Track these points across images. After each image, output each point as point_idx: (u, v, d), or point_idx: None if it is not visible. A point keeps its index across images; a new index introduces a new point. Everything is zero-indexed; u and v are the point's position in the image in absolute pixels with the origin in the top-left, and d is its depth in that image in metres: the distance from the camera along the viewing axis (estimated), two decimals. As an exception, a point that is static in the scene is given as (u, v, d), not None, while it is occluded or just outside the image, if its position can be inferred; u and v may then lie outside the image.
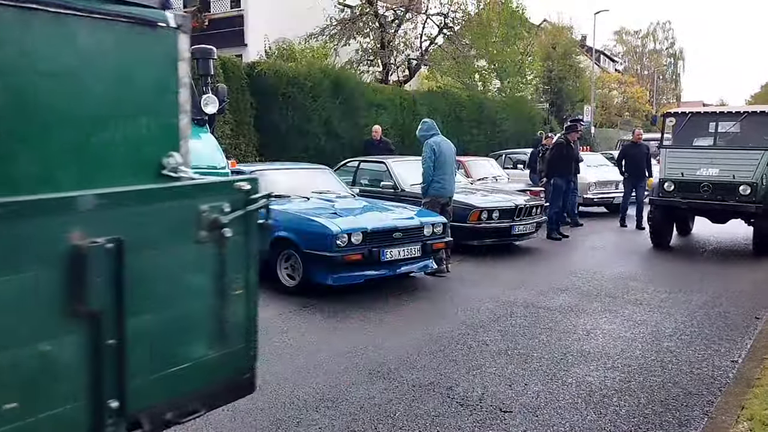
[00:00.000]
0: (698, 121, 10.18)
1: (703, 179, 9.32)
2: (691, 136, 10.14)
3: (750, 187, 8.98)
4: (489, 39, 24.68)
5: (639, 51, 67.66)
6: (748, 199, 9.00)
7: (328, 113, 15.14)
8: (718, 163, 9.33)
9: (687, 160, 9.60)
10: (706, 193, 9.29)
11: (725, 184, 9.16)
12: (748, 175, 9.06)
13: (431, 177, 8.31)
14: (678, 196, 9.52)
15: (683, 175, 9.49)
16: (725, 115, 10.24)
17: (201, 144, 5.61)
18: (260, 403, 4.15)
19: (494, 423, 3.90)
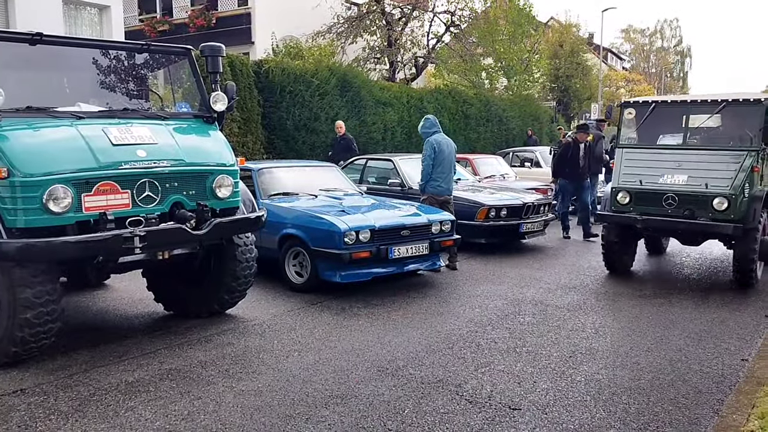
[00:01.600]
0: (664, 113, 7.78)
1: (666, 189, 7.16)
2: (655, 132, 7.86)
3: (727, 200, 6.81)
4: (496, 37, 24.61)
5: (646, 49, 67.41)
6: (724, 216, 6.85)
7: (335, 111, 15.15)
8: (687, 168, 7.15)
9: (648, 164, 7.43)
10: (670, 207, 7.13)
11: (695, 195, 7.00)
12: (724, 184, 6.88)
13: (429, 175, 8.36)
14: (634, 211, 7.37)
15: (642, 183, 7.32)
16: (698, 105, 7.67)
17: (210, 142, 5.62)
18: (269, 399, 4.16)
19: (503, 420, 3.90)
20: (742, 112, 7.34)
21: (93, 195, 4.66)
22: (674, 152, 7.48)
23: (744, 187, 6.89)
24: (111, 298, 6.91)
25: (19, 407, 4.04)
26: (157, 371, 4.66)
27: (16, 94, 4.78)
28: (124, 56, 5.73)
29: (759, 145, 7.08)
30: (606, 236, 7.93)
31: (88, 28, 15.05)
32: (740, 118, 7.42)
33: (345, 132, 12.92)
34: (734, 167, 6.96)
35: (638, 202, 7.38)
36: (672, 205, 7.15)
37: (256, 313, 6.21)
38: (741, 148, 7.11)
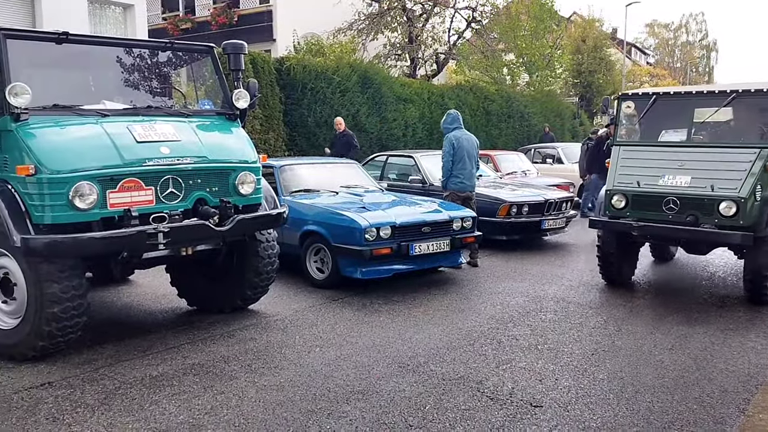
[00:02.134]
0: (667, 106, 6.98)
1: (667, 192, 6.29)
2: (656, 128, 7.06)
3: (735, 205, 5.91)
4: (518, 32, 24.45)
5: (671, 43, 66.45)
6: (732, 223, 5.95)
7: (356, 108, 15.17)
8: (691, 168, 6.29)
9: (647, 164, 6.59)
10: (671, 212, 6.25)
11: (699, 199, 6.12)
12: (733, 186, 6.00)
13: (450, 171, 8.37)
14: (631, 216, 6.52)
15: (640, 185, 6.47)
16: (705, 96, 6.71)
17: (233, 139, 5.67)
18: (291, 395, 4.19)
19: (525, 417, 3.89)
20: (755, 105, 6.50)
21: (117, 192, 4.72)
22: (677, 150, 6.61)
23: (755, 190, 5.98)
24: (135, 293, 7.00)
25: (46, 400, 4.12)
26: (181, 366, 4.72)
27: (43, 92, 4.86)
28: (148, 54, 5.80)
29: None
30: (601, 244, 7.03)
31: (113, 26, 15.23)
32: (753, 111, 6.60)
33: (345, 128, 12.73)
34: (745, 167, 6.05)
35: (635, 206, 6.50)
36: (673, 210, 6.25)
37: (278, 309, 6.25)
38: (753, 145, 6.20)
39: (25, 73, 4.86)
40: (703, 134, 6.91)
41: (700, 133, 6.90)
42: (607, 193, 6.71)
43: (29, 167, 4.50)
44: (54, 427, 3.74)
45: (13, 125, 4.64)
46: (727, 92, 6.51)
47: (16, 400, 4.11)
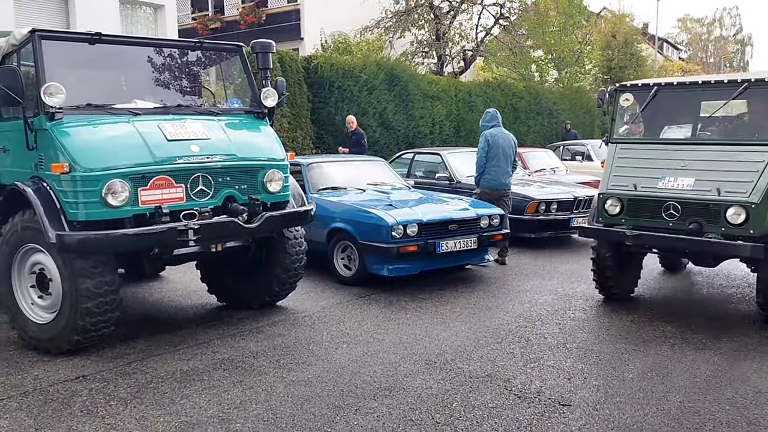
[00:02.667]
0: (670, 98, 6.19)
1: (668, 195, 5.52)
2: (658, 123, 6.28)
3: (745, 211, 5.16)
4: (546, 29, 24.21)
5: (704, 38, 65.15)
6: (741, 232, 5.20)
7: (383, 105, 15.18)
8: (695, 169, 5.54)
9: (646, 164, 5.84)
10: (671, 219, 5.49)
11: (704, 204, 5.35)
12: (742, 190, 5.23)
13: (482, 168, 8.33)
14: (626, 223, 5.76)
15: (637, 188, 5.72)
16: (713, 87, 5.88)
17: (261, 137, 5.72)
18: (319, 390, 4.22)
19: (553, 416, 3.86)
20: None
21: (149, 189, 4.80)
22: (680, 149, 5.79)
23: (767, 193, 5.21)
24: (166, 289, 7.12)
25: (81, 393, 4.21)
26: (211, 361, 4.78)
27: (76, 91, 4.96)
28: (178, 54, 5.88)
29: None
30: (596, 255, 6.24)
31: (144, 26, 15.48)
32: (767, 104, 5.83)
33: (357, 127, 12.57)
34: (757, 167, 5.25)
35: (631, 212, 5.74)
36: (674, 217, 5.47)
37: (306, 305, 6.29)
38: (763, 143, 5.43)
39: (59, 73, 4.96)
40: (711, 130, 6.11)
41: (707, 129, 6.09)
42: (599, 197, 5.95)
43: (64, 165, 4.60)
44: (88, 419, 3.83)
45: (48, 124, 4.75)
46: (737, 82, 5.67)
47: (52, 393, 4.21)
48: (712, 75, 6.71)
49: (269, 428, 3.70)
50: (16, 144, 5.22)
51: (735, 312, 6.11)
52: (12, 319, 5.16)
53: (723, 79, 5.84)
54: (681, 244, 5.57)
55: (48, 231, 4.58)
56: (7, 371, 4.61)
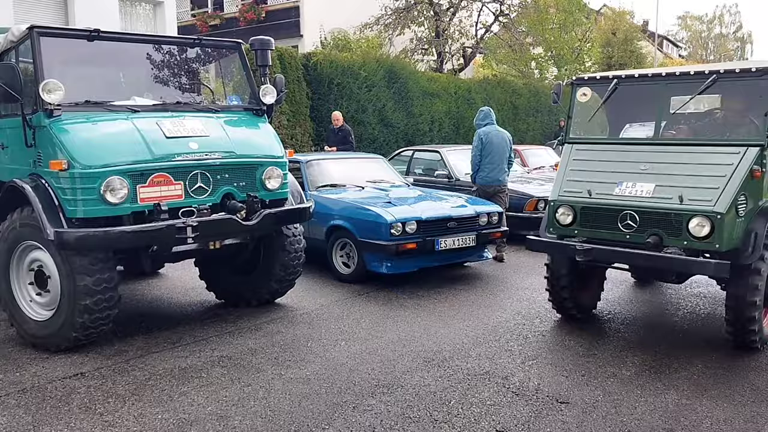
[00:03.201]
0: (633, 93, 5.53)
1: (624, 203, 4.85)
2: (619, 121, 5.71)
3: (709, 222, 4.47)
4: (546, 26, 24.16)
5: (704, 36, 65.11)
6: (706, 246, 4.54)
7: (382, 103, 15.18)
8: (656, 173, 4.89)
9: (603, 167, 5.18)
10: (628, 230, 4.83)
11: (664, 213, 4.68)
12: (707, 197, 4.56)
13: (477, 166, 8.43)
14: (579, 235, 5.11)
15: (591, 195, 5.04)
16: (679, 80, 5.19)
17: (260, 134, 5.72)
18: (317, 387, 4.23)
19: (551, 413, 3.87)
20: (743, 90, 5.04)
21: (147, 186, 4.80)
22: (642, 150, 5.12)
23: (738, 203, 4.54)
24: (165, 286, 7.12)
25: (79, 390, 4.21)
26: (209, 358, 4.79)
27: (75, 88, 4.96)
28: (177, 51, 5.87)
29: (764, 137, 4.65)
30: (549, 268, 5.62)
31: (143, 23, 15.45)
32: (741, 98, 5.21)
33: (343, 123, 12.24)
34: (725, 171, 4.61)
35: (585, 222, 5.06)
36: (631, 228, 4.81)
37: (305, 303, 6.30)
38: (737, 143, 4.77)
39: (57, 69, 4.96)
40: (679, 129, 5.44)
41: (675, 127, 5.43)
42: (550, 205, 5.26)
43: (62, 162, 4.60)
44: (86, 416, 3.83)
45: (47, 121, 4.75)
46: (705, 74, 4.98)
47: (50, 390, 4.21)
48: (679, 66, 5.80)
49: (267, 425, 3.70)
50: (14, 141, 5.22)
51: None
52: (10, 317, 5.16)
53: (689, 70, 5.16)
54: (637, 260, 4.92)
55: (46, 228, 4.58)
56: (5, 368, 4.62)
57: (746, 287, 4.68)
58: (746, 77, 4.86)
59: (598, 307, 5.98)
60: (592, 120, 5.71)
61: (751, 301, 4.68)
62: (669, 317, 5.88)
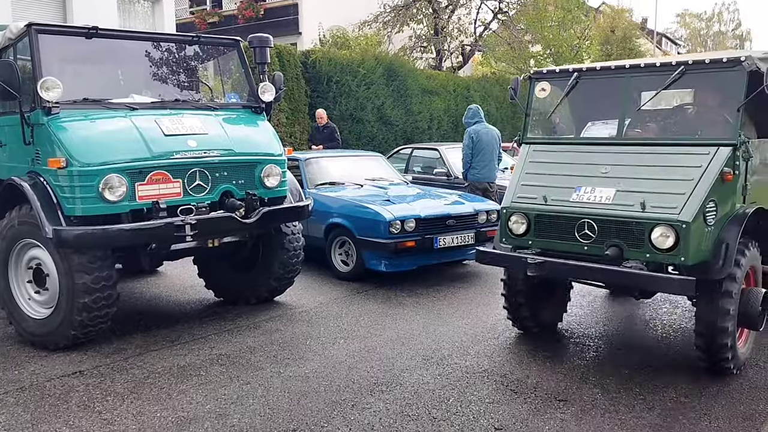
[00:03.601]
0: (596, 88, 5.05)
1: (581, 211, 4.36)
2: (582, 119, 5.28)
3: (674, 233, 4.00)
4: (545, 23, 24.14)
5: (703, 33, 65.14)
6: (670, 259, 4.05)
7: (381, 100, 15.16)
8: (617, 176, 4.39)
9: (561, 170, 4.69)
10: (587, 241, 4.33)
11: (624, 222, 4.18)
12: (672, 204, 4.08)
13: (469, 164, 8.68)
14: (534, 245, 4.58)
15: (547, 201, 4.54)
16: (645, 73, 4.73)
17: (259, 132, 5.71)
18: (316, 385, 4.23)
19: (549, 411, 3.87)
20: (716, 83, 4.56)
21: (146, 184, 4.79)
22: (603, 151, 4.64)
23: (706, 210, 4.06)
24: (163, 284, 7.11)
25: (77, 388, 4.21)
26: (208, 356, 4.79)
27: (73, 86, 4.95)
28: (175, 48, 5.86)
29: (736, 136, 4.19)
30: (506, 284, 5.12)
31: (142, 21, 15.42)
32: (714, 93, 4.72)
33: (328, 121, 12.13)
34: (692, 175, 4.14)
35: (539, 232, 4.55)
36: (589, 239, 4.30)
37: (303, 301, 6.30)
38: (708, 142, 4.31)
39: (56, 67, 4.95)
40: (647, 127, 4.97)
41: (642, 125, 4.96)
42: (502, 212, 4.75)
43: (60, 160, 4.59)
44: (85, 414, 3.83)
45: (45, 119, 4.74)
46: (672, 65, 4.51)
47: (49, 388, 4.21)
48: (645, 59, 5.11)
49: (266, 423, 3.70)
50: (12, 139, 5.21)
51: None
52: (9, 315, 5.16)
53: (655, 62, 4.70)
54: (595, 275, 4.41)
55: (45, 226, 4.57)
56: (4, 366, 4.61)
57: (717, 303, 4.13)
58: (717, 69, 4.38)
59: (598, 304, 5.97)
60: (551, 118, 5.23)
61: (722, 326, 4.13)
62: (668, 315, 5.88)
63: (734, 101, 4.26)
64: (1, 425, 3.70)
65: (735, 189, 4.33)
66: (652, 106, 4.86)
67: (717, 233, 4.18)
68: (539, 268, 4.43)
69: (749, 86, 4.18)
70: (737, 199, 4.38)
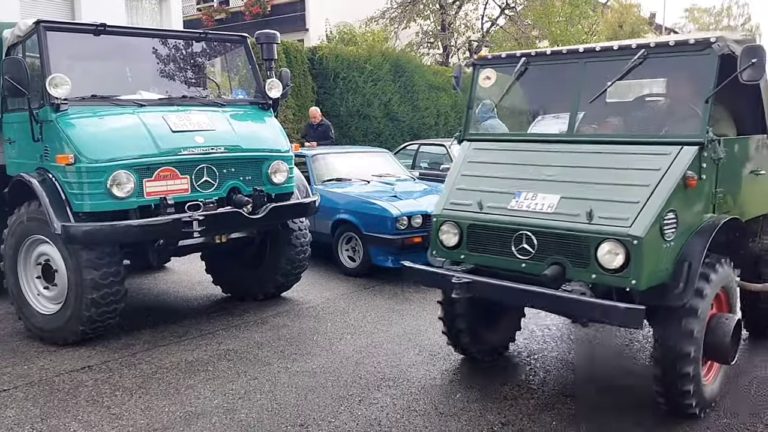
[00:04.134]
0: (546, 75, 4.35)
1: (520, 221, 3.67)
2: (531, 112, 4.72)
3: (624, 250, 3.32)
4: (552, 19, 24.02)
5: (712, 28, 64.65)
6: (618, 281, 3.37)
7: (388, 96, 15.15)
8: (563, 180, 3.72)
9: (501, 172, 4.00)
10: (525, 257, 3.63)
11: (568, 235, 3.50)
12: (622, 216, 3.40)
13: None
14: (466, 260, 3.94)
15: (482, 208, 3.86)
16: (600, 56, 3.98)
17: (266, 128, 5.72)
18: (323, 381, 4.24)
19: (557, 406, 3.87)
20: (681, 70, 3.90)
21: (154, 180, 4.81)
22: (552, 149, 3.95)
23: (664, 221, 3.37)
24: (171, 280, 7.14)
25: (86, 383, 4.24)
26: (216, 351, 4.81)
27: (81, 83, 4.97)
28: (183, 45, 5.87)
29: (703, 133, 3.52)
30: (443, 306, 4.43)
31: (149, 18, 15.46)
32: (680, 82, 4.07)
33: (322, 118, 11.91)
34: (649, 180, 3.45)
35: (473, 244, 3.85)
36: (527, 254, 3.61)
37: (310, 297, 6.31)
38: (669, 140, 3.65)
39: (64, 64, 4.97)
40: (608, 123, 4.18)
41: (602, 120, 4.18)
42: (433, 221, 4.08)
43: (69, 156, 4.62)
44: (94, 409, 3.86)
45: (53, 115, 4.76)
46: (632, 49, 3.81)
47: (58, 383, 4.24)
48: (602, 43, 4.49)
49: (273, 418, 3.72)
50: (21, 135, 5.24)
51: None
52: (18, 310, 5.20)
53: (613, 45, 4.04)
54: (527, 299, 3.69)
55: (53, 222, 4.60)
56: (14, 361, 4.65)
57: (676, 343, 3.45)
58: (684, 52, 3.67)
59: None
60: (497, 110, 4.62)
61: (683, 363, 3.46)
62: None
63: (703, 91, 3.57)
64: (11, 419, 3.74)
65: (701, 197, 3.63)
66: (619, 98, 4.29)
67: (678, 250, 3.48)
68: (466, 288, 3.72)
69: (721, 73, 3.51)
70: (705, 208, 3.69)
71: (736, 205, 4.02)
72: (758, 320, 4.79)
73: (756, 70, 3.41)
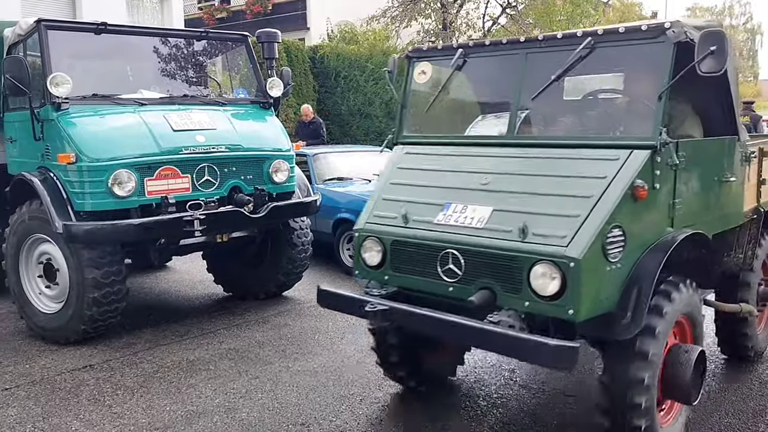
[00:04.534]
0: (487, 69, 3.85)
1: (446, 238, 3.17)
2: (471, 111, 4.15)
3: (560, 273, 2.78)
4: (554, 18, 23.99)
5: (713, 27, 64.53)
6: (554, 310, 2.84)
7: (389, 95, 15.14)
8: (499, 190, 3.22)
9: (431, 179, 3.52)
10: (452, 279, 3.13)
11: (499, 255, 2.97)
12: (559, 233, 2.86)
13: None
14: (390, 282, 3.44)
15: (407, 222, 3.35)
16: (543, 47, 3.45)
17: (267, 127, 5.72)
18: (324, 380, 4.24)
19: (557, 406, 3.87)
20: (633, 61, 3.41)
21: (155, 179, 4.81)
22: (489, 154, 3.49)
23: (608, 239, 2.86)
24: (173, 279, 7.14)
25: (88, 382, 4.24)
26: (217, 350, 4.81)
27: (82, 81, 4.97)
28: (184, 44, 5.87)
29: (655, 135, 3.01)
30: (374, 335, 3.90)
31: (150, 17, 15.46)
32: (633, 74, 3.57)
33: (314, 116, 11.80)
34: (592, 190, 2.96)
35: (396, 263, 3.39)
36: (454, 276, 3.14)
37: (312, 296, 6.29)
38: (617, 143, 3.16)
39: (65, 63, 4.98)
40: (560, 122, 3.71)
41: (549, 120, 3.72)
42: (356, 236, 3.63)
43: (70, 155, 4.62)
44: (95, 407, 3.86)
45: (55, 114, 4.76)
46: (577, 37, 3.33)
47: (60, 382, 4.24)
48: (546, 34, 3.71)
49: (275, 417, 3.72)
50: (23, 134, 5.24)
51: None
52: (20, 309, 5.20)
53: (557, 34, 3.53)
54: (448, 331, 3.12)
55: (55, 221, 4.60)
56: (15, 360, 4.65)
57: (626, 382, 2.95)
58: (635, 40, 3.18)
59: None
60: (432, 109, 3.96)
61: (633, 403, 2.96)
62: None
63: (658, 82, 3.06)
64: (13, 418, 3.74)
65: (656, 209, 3.12)
66: (578, 94, 3.79)
67: (627, 273, 2.96)
68: (383, 316, 3.21)
69: (677, 64, 3.02)
70: (661, 223, 3.18)
71: (700, 217, 3.45)
72: (736, 343, 4.31)
73: (716, 59, 2.89)
